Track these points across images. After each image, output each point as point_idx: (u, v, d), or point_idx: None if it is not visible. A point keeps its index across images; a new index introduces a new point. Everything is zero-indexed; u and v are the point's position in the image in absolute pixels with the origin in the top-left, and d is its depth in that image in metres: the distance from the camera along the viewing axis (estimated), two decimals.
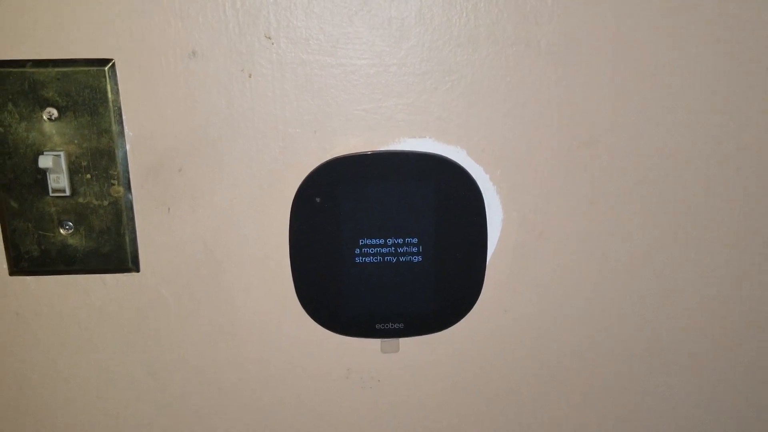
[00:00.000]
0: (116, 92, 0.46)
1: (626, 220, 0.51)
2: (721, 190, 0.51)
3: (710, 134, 0.49)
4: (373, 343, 0.53)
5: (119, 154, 0.47)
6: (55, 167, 0.47)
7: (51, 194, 0.48)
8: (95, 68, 0.46)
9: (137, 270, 0.50)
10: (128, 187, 0.48)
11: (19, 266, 0.50)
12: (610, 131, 0.49)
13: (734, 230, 0.52)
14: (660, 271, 0.53)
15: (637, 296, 0.53)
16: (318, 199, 0.48)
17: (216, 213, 0.49)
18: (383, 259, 0.49)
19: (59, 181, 0.47)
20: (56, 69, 0.45)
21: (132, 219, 0.49)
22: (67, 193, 0.48)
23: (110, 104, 0.46)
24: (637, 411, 0.57)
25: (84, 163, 0.47)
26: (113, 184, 0.48)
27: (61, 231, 0.49)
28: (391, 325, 0.51)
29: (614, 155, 0.49)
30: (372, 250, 0.49)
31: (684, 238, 0.52)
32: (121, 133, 0.47)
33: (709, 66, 0.48)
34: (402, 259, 0.49)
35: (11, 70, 0.45)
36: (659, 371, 0.56)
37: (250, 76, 0.47)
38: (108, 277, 0.51)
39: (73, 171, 0.47)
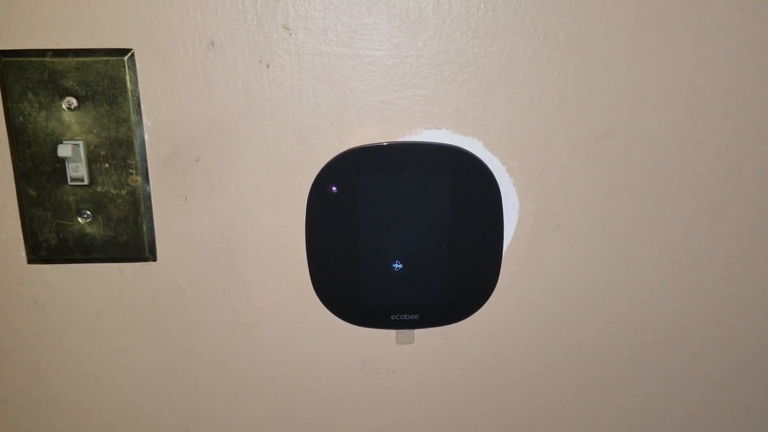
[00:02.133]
0: (135, 82, 0.47)
1: (643, 212, 0.51)
2: (738, 182, 0.51)
3: (728, 127, 0.49)
4: (388, 334, 0.53)
5: (137, 143, 0.48)
6: (74, 156, 0.47)
7: (69, 183, 0.48)
8: (114, 58, 0.46)
9: (154, 259, 0.51)
10: (146, 177, 0.49)
11: (37, 254, 0.50)
12: (627, 123, 0.49)
13: (752, 223, 0.52)
14: (677, 264, 0.53)
15: (653, 289, 0.53)
16: (334, 190, 0.48)
17: (233, 203, 0.49)
18: (399, 249, 0.49)
19: (78, 170, 0.48)
20: (76, 58, 0.46)
21: (149, 208, 0.49)
22: (86, 182, 0.48)
23: (129, 94, 0.47)
24: (652, 402, 0.57)
25: (102, 153, 0.48)
26: (131, 174, 0.48)
27: (79, 220, 0.49)
28: (407, 316, 0.51)
29: (631, 147, 0.49)
30: (387, 241, 0.49)
31: (701, 231, 0.52)
32: (140, 122, 0.47)
33: (728, 58, 0.47)
34: (418, 250, 0.49)
35: (31, 59, 0.46)
36: (675, 363, 0.56)
37: (268, 67, 0.47)
38: (125, 266, 0.51)
39: (92, 160, 0.48)
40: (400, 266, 0.49)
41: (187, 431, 0.56)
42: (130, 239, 0.50)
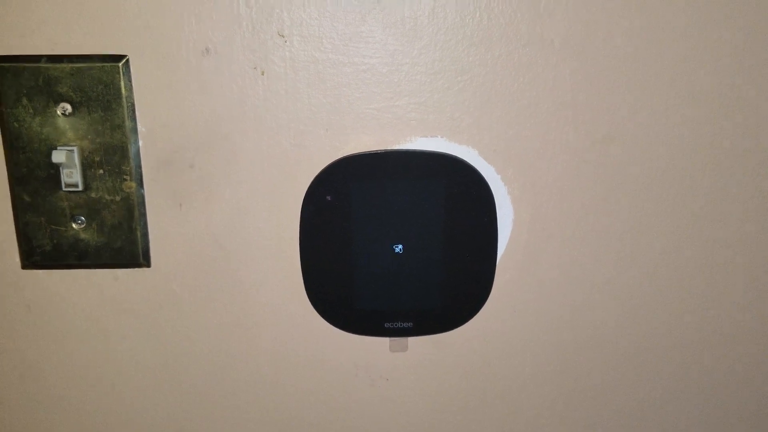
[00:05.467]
0: (130, 88, 0.46)
1: (639, 220, 0.51)
2: (737, 189, 0.50)
3: (727, 132, 0.49)
4: (382, 342, 0.53)
5: (132, 149, 0.48)
6: (69, 162, 0.47)
7: (64, 189, 0.48)
8: (109, 64, 0.46)
9: (148, 265, 0.51)
10: (140, 183, 0.49)
11: (31, 260, 0.50)
12: (623, 131, 0.48)
13: (750, 230, 0.52)
14: (673, 272, 0.53)
15: (648, 297, 0.53)
16: (329, 197, 0.48)
17: (228, 209, 0.49)
18: (393, 257, 0.49)
19: (72, 176, 0.48)
20: (71, 64, 0.46)
21: (144, 214, 0.49)
22: (80, 188, 0.48)
23: (124, 100, 0.47)
24: (646, 409, 0.57)
25: (97, 159, 0.48)
26: (126, 180, 0.48)
27: (74, 225, 0.49)
28: (400, 324, 0.51)
29: (627, 155, 0.49)
30: (382, 249, 0.49)
31: (698, 238, 0.52)
32: (134, 128, 0.47)
33: (727, 63, 0.47)
34: (412, 258, 0.49)
35: (26, 65, 0.46)
36: (670, 371, 0.56)
37: (263, 74, 0.47)
38: (119, 272, 0.51)
39: (86, 166, 0.48)
40: (394, 274, 0.49)
41: None
42: (124, 245, 0.50)
